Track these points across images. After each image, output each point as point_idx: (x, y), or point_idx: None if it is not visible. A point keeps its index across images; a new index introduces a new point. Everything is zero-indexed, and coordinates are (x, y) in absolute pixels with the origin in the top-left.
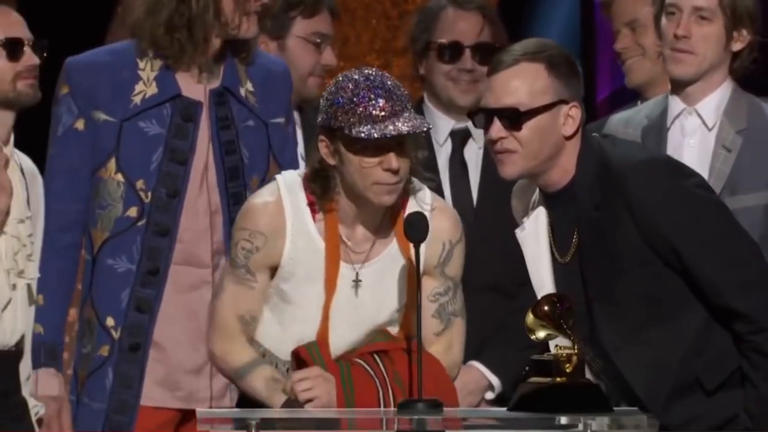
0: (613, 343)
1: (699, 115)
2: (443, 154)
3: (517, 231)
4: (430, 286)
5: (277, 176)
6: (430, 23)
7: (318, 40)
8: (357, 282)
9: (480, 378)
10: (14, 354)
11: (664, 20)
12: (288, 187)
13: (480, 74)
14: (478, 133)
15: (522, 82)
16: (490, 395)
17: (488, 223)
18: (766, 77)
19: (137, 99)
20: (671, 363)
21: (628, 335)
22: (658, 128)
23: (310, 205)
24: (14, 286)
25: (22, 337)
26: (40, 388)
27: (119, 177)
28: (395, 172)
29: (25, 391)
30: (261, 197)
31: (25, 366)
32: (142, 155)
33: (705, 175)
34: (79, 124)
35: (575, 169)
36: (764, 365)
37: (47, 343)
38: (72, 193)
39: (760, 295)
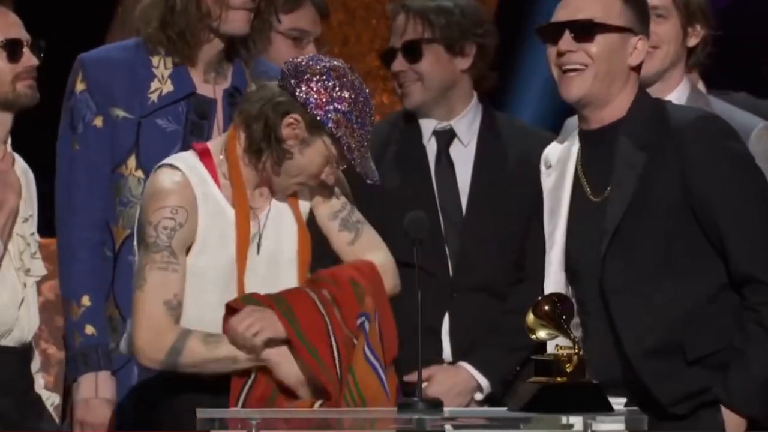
0: (615, 283)
1: None
2: (430, 153)
3: (543, 175)
4: (326, 208)
5: (165, 161)
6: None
7: (296, 35)
8: (259, 241)
9: (469, 379)
10: (28, 351)
11: None
12: (185, 164)
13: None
14: (463, 132)
15: (598, 1)
16: (479, 396)
17: (478, 224)
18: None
19: (154, 96)
20: (663, 321)
21: (633, 281)
22: None
23: (212, 174)
24: (24, 285)
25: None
26: (100, 391)
27: (140, 174)
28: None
29: (38, 386)
30: (166, 176)
31: (34, 361)
32: (161, 152)
33: None
34: (98, 121)
35: (629, 107)
36: (763, 342)
37: (102, 345)
38: (98, 190)
39: None
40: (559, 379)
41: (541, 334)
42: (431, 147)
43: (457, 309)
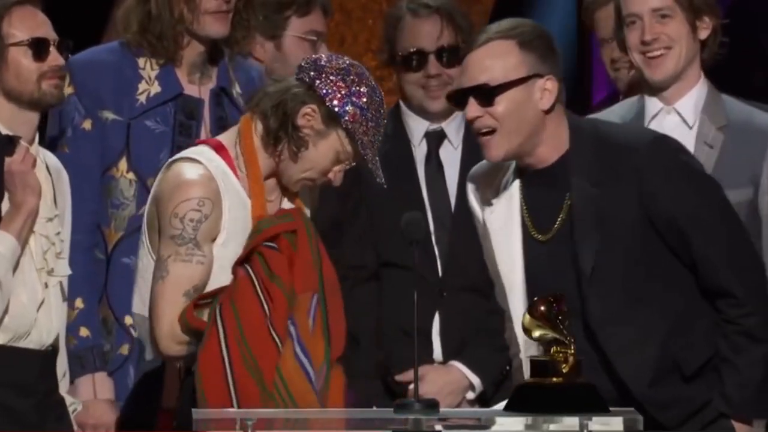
0: (600, 318)
1: (678, 114)
2: (419, 155)
3: (485, 214)
4: None
5: (182, 154)
6: (392, 33)
7: (313, 38)
8: None
9: (461, 378)
10: (51, 353)
11: (626, 32)
12: (204, 157)
13: (448, 77)
14: (453, 134)
15: (493, 60)
16: (470, 395)
17: (466, 224)
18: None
19: (142, 98)
20: (653, 345)
21: (615, 313)
22: None
23: (230, 167)
24: (46, 285)
25: (57, 336)
26: (99, 392)
27: (131, 176)
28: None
29: (62, 389)
30: (189, 169)
31: (61, 364)
32: (151, 153)
33: None
34: (87, 125)
35: (569, 144)
36: (750, 349)
37: (97, 347)
38: (89, 193)
39: (753, 279)
40: (555, 379)
41: (537, 334)
42: (421, 148)
43: (446, 309)
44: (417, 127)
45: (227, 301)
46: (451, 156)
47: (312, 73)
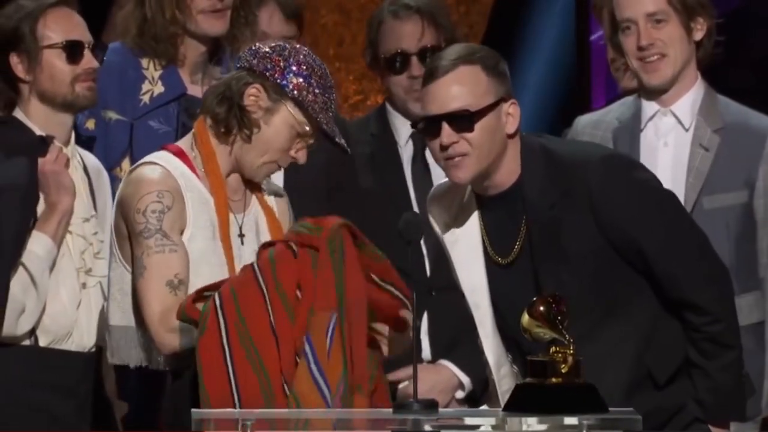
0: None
1: (675, 116)
2: (405, 155)
3: (445, 236)
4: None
5: (140, 161)
6: (374, 36)
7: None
8: (240, 233)
9: (451, 377)
10: (94, 355)
11: (621, 38)
12: (162, 160)
13: None
14: None
15: (464, 86)
16: (460, 394)
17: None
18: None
19: (146, 98)
20: (624, 360)
21: (583, 333)
22: (630, 130)
23: (190, 168)
24: (84, 285)
25: (100, 337)
26: None
27: None
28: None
29: (109, 392)
30: (145, 170)
31: (108, 366)
32: None
33: (683, 175)
34: (90, 124)
35: (520, 168)
36: (719, 355)
37: None
38: None
39: (714, 287)
40: (554, 380)
41: (536, 334)
42: (407, 148)
43: (434, 308)
44: (403, 127)
45: (228, 289)
46: None
47: (249, 58)
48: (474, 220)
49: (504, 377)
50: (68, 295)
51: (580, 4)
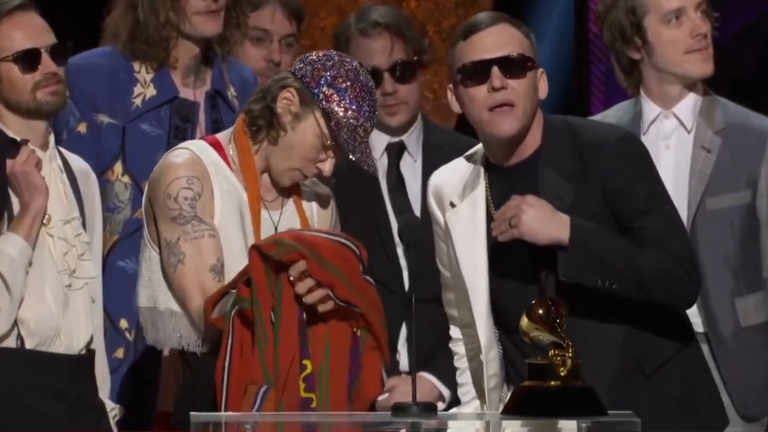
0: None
1: (677, 118)
2: (380, 168)
3: (447, 215)
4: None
5: (174, 148)
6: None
7: (258, 35)
8: (276, 231)
9: (431, 389)
10: (85, 357)
11: (665, 30)
12: (194, 147)
13: (403, 93)
14: (413, 147)
15: (512, 36)
16: (440, 406)
17: (430, 235)
18: None
19: (138, 101)
20: (613, 345)
21: (585, 315)
22: None
23: (224, 159)
24: (70, 287)
25: (91, 339)
26: None
27: (126, 179)
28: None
29: (103, 394)
30: (173, 155)
31: (100, 368)
32: (146, 157)
33: (686, 176)
34: (82, 128)
35: (542, 137)
36: (648, 252)
37: None
38: None
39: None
40: (553, 382)
41: (535, 337)
42: (382, 161)
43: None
44: (378, 141)
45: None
46: (411, 168)
47: (297, 62)
48: (480, 196)
49: (491, 361)
50: (53, 298)
51: (579, 8)
